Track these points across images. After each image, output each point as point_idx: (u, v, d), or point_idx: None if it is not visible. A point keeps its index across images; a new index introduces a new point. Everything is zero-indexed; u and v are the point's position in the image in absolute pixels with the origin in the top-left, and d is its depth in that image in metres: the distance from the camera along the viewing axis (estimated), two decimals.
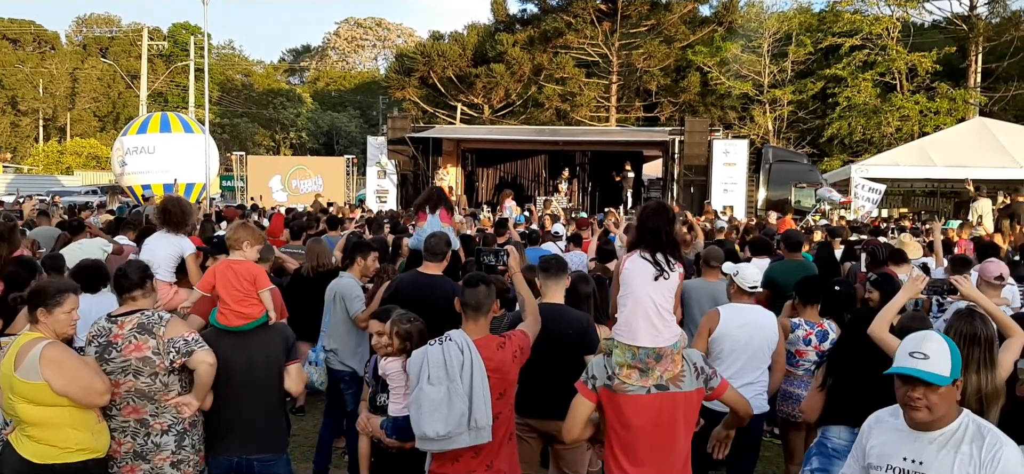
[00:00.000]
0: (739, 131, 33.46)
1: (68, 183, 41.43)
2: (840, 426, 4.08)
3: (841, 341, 4.33)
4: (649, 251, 3.65)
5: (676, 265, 3.67)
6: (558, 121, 35.05)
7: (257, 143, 55.74)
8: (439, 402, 3.70)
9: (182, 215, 6.95)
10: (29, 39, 64.09)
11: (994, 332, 3.68)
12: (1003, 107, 31.69)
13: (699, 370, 3.57)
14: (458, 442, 3.73)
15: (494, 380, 3.83)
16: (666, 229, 3.71)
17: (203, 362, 4.01)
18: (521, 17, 39.07)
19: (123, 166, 25.14)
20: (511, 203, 20.63)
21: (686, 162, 24.16)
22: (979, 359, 3.60)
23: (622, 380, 3.53)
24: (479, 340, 3.89)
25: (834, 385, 4.13)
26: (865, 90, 32.75)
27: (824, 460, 4.10)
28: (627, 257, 3.74)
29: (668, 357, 3.51)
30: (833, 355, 4.33)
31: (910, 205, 25.66)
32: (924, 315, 4.71)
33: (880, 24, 32.86)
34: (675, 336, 3.56)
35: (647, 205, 3.92)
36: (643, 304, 3.55)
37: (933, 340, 2.75)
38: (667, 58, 35.33)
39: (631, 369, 3.52)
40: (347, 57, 78.06)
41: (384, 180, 25.10)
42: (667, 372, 3.51)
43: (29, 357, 3.64)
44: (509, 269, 4.44)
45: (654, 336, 3.51)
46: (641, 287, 3.58)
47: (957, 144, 22.96)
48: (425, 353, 3.83)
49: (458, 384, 3.72)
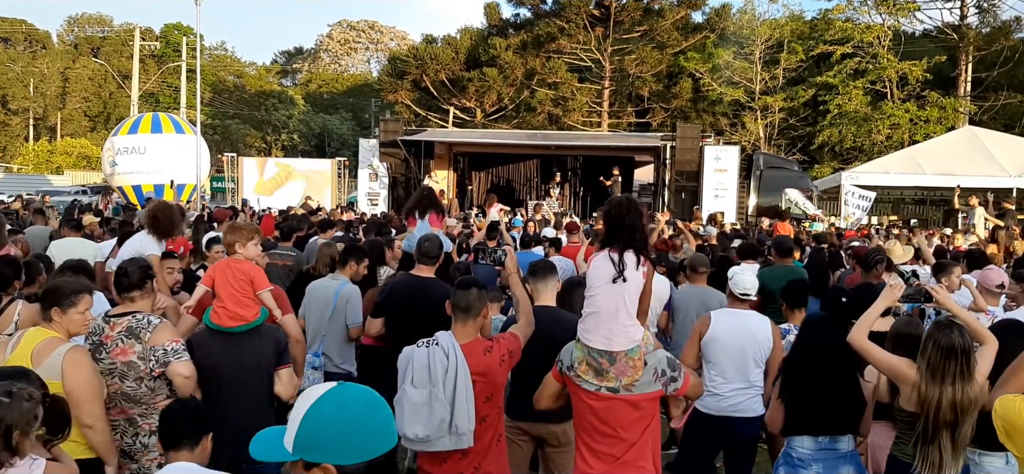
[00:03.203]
0: (730, 137, 33.56)
1: (58, 183, 41.23)
2: (803, 436, 4.07)
3: (796, 350, 4.28)
4: (616, 250, 3.61)
5: (642, 264, 3.62)
6: (550, 126, 35.07)
7: (248, 145, 55.59)
8: (420, 406, 3.71)
9: (169, 224, 6.91)
10: (20, 38, 63.82)
11: (970, 343, 3.69)
12: (992, 116, 31.92)
13: (659, 374, 3.59)
14: (438, 446, 3.75)
15: (480, 384, 3.83)
16: (633, 224, 3.66)
17: (178, 374, 3.98)
18: (514, 21, 39.11)
19: (114, 166, 25.04)
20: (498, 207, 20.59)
21: (677, 168, 24.22)
22: (956, 371, 3.61)
23: (578, 374, 3.62)
24: (466, 344, 3.88)
25: (793, 395, 4.11)
26: (856, 98, 32.91)
27: (790, 469, 4.09)
28: (594, 255, 3.74)
29: (623, 361, 3.52)
30: (788, 365, 4.28)
31: (900, 213, 25.77)
32: (917, 320, 4.72)
33: (871, 32, 33.06)
34: (631, 341, 3.54)
35: (613, 199, 3.87)
36: (599, 306, 3.56)
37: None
38: (659, 64, 35.40)
39: (588, 366, 3.59)
40: (339, 59, 77.96)
41: (375, 183, 25.07)
42: (624, 376, 3.53)
43: (52, 357, 3.62)
44: (506, 269, 4.45)
45: (607, 340, 3.53)
46: (599, 289, 3.58)
47: (947, 152, 23.09)
48: (411, 355, 3.84)
49: (440, 390, 3.71)
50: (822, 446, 4.02)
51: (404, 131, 25.94)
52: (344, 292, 6.07)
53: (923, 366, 3.70)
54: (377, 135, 26.52)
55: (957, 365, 3.61)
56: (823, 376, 4.00)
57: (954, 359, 3.61)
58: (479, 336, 3.99)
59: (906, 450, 3.82)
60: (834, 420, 4.02)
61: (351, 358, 6.13)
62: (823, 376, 4.00)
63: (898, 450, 3.91)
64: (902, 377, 3.79)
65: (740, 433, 5.08)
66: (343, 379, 5.98)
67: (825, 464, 4.01)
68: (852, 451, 4.07)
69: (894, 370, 3.83)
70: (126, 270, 4.15)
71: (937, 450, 3.65)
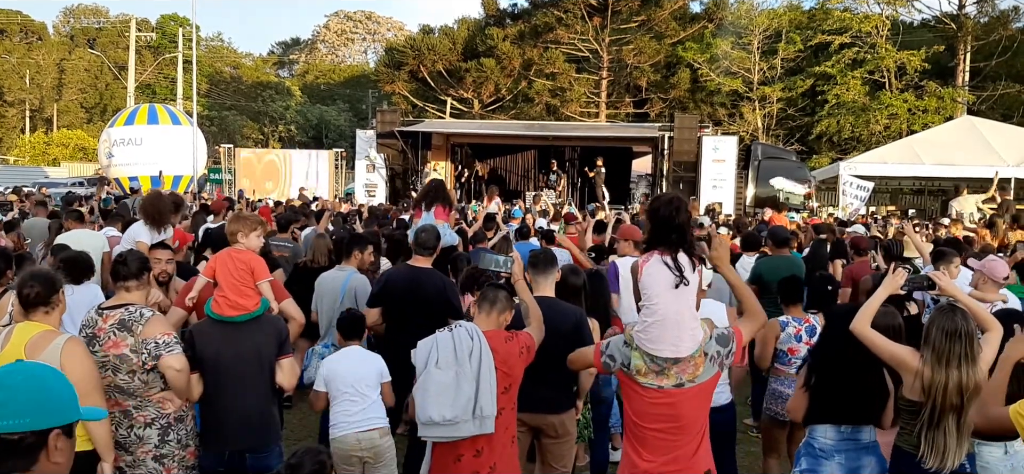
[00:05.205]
0: (728, 128, 33.49)
1: (54, 175, 41.14)
2: (825, 425, 4.07)
3: (822, 339, 4.31)
4: (669, 254, 3.44)
5: (696, 266, 3.48)
6: (548, 116, 35.00)
7: (245, 136, 55.44)
8: (447, 386, 3.71)
9: (157, 214, 6.90)
10: (16, 29, 63.53)
11: (973, 327, 3.71)
12: (991, 106, 31.86)
13: (715, 357, 3.46)
14: (462, 430, 3.72)
15: (500, 373, 3.85)
16: (682, 224, 3.50)
17: (170, 368, 3.94)
18: (511, 12, 39.03)
19: (110, 158, 25.02)
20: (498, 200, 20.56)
21: (675, 158, 24.18)
22: (961, 354, 3.63)
23: (638, 377, 3.48)
24: (488, 332, 3.93)
25: (818, 383, 4.12)
26: (854, 88, 32.86)
27: (812, 461, 4.10)
28: (645, 262, 3.53)
29: (688, 360, 3.42)
30: (815, 353, 4.32)
31: (898, 203, 25.76)
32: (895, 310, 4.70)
33: (869, 22, 32.97)
34: (697, 342, 3.43)
35: (662, 197, 3.65)
36: (663, 315, 3.38)
37: None
38: (657, 54, 35.34)
39: (648, 370, 3.45)
40: (336, 50, 77.80)
41: (373, 174, 25.01)
42: (685, 373, 3.43)
43: (49, 349, 3.59)
44: (513, 276, 4.39)
45: (675, 347, 3.40)
46: (661, 298, 3.39)
47: (945, 142, 23.08)
48: (435, 339, 3.86)
49: (466, 367, 3.73)
50: (845, 436, 4.04)
51: (401, 122, 25.84)
52: (352, 282, 6.08)
53: (927, 352, 3.70)
54: (374, 126, 26.45)
55: (962, 348, 3.62)
56: (849, 366, 4.02)
57: (958, 342, 3.63)
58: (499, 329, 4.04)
59: (910, 440, 3.81)
60: (857, 410, 4.04)
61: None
62: (849, 366, 4.02)
63: (902, 441, 3.90)
64: (905, 365, 3.79)
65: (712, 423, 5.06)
66: None
67: (847, 455, 4.02)
68: (873, 442, 4.09)
69: (897, 358, 3.84)
70: (125, 259, 4.15)
71: (942, 435, 3.66)
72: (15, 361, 2.06)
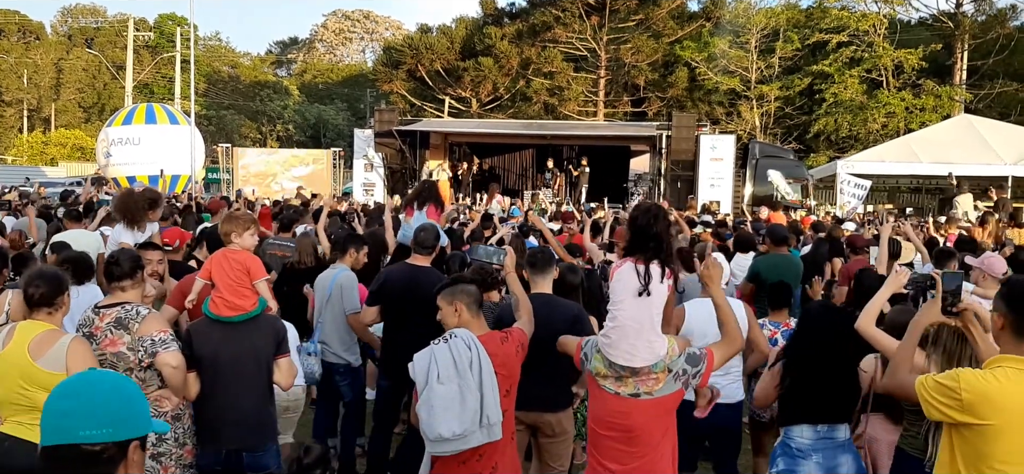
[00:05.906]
0: (726, 127, 33.49)
1: (52, 174, 41.08)
2: (802, 425, 4.03)
3: (796, 338, 4.25)
4: (643, 262, 3.49)
5: (667, 277, 3.52)
6: (546, 115, 35.00)
7: (244, 136, 55.39)
8: (452, 400, 3.63)
9: (129, 212, 6.89)
10: (13, 29, 63.43)
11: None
12: (988, 104, 31.89)
13: (680, 375, 3.51)
14: (472, 441, 3.68)
15: (500, 376, 3.81)
16: (659, 234, 3.54)
17: (166, 365, 3.93)
18: (509, 11, 39.01)
19: (108, 157, 24.97)
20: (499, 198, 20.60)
21: (673, 157, 24.14)
22: (971, 355, 3.55)
23: (598, 376, 3.57)
24: (482, 336, 3.88)
25: (793, 383, 4.08)
26: (851, 87, 32.88)
27: (789, 461, 4.06)
28: (617, 267, 3.61)
29: (645, 374, 3.46)
30: (789, 353, 4.27)
31: (895, 201, 25.77)
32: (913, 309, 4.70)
33: (867, 21, 32.99)
34: (655, 356, 3.46)
35: (641, 205, 3.75)
36: (623, 321, 3.46)
37: None
38: (655, 53, 35.35)
39: (608, 374, 3.53)
40: (334, 49, 77.68)
41: (371, 173, 25.00)
42: (644, 385, 3.47)
43: (55, 349, 3.59)
44: (504, 269, 4.41)
45: (629, 356, 3.44)
46: (624, 304, 3.48)
47: (942, 140, 23.07)
48: (432, 352, 3.78)
49: (469, 379, 3.67)
50: (821, 435, 4.01)
51: (399, 121, 25.81)
52: (340, 279, 6.05)
53: (936, 352, 3.65)
54: (372, 125, 26.43)
55: (972, 349, 3.55)
56: (823, 365, 3.99)
57: (969, 343, 3.56)
58: (492, 330, 4.03)
59: (916, 442, 3.77)
60: (832, 408, 4.01)
61: (355, 349, 6.11)
62: (823, 365, 3.99)
63: (906, 443, 3.87)
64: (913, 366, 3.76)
65: (722, 418, 5.06)
66: (342, 369, 6.01)
67: (824, 454, 3.99)
68: (849, 440, 4.06)
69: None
70: (117, 259, 4.14)
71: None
72: (89, 370, 2.01)
